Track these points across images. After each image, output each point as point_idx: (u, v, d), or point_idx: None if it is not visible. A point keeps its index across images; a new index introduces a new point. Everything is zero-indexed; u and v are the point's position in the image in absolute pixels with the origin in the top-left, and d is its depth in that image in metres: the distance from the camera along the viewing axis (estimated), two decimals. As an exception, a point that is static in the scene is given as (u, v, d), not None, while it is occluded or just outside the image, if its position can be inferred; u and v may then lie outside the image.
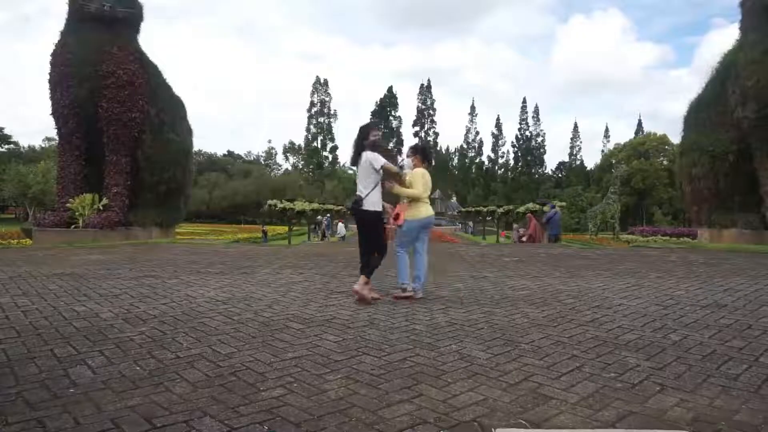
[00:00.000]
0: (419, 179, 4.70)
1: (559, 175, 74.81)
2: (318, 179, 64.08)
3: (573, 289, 5.21)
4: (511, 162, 74.79)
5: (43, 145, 62.29)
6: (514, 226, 25.31)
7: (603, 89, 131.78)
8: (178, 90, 14.66)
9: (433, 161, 71.48)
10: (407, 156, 5.07)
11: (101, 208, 12.40)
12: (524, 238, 16.16)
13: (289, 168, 77.33)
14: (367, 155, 4.49)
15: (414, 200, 4.73)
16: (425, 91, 72.49)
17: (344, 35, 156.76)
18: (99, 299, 4.45)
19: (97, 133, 12.54)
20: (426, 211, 4.77)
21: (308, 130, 69.02)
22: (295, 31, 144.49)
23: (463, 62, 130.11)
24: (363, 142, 4.58)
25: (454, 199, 57.91)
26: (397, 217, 4.70)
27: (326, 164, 67.88)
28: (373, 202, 4.48)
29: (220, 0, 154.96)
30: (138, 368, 2.62)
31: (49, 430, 1.91)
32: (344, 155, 66.43)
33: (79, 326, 3.48)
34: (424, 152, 5.02)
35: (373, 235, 4.58)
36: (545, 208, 18.46)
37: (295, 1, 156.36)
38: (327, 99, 70.44)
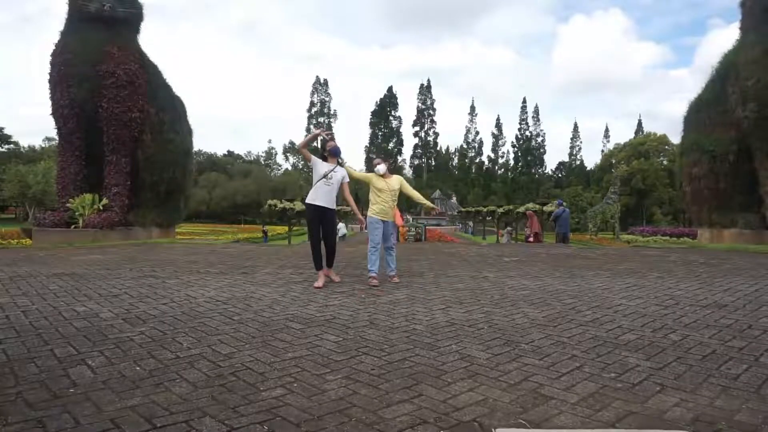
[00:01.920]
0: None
1: (559, 175, 74.88)
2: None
3: (573, 289, 5.20)
4: (511, 162, 74.93)
5: (43, 145, 62.41)
6: (508, 228, 25.35)
7: (603, 89, 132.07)
8: (178, 90, 14.69)
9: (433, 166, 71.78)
10: (378, 163, 5.80)
11: (101, 208, 12.41)
12: (531, 239, 15.97)
13: (289, 168, 77.45)
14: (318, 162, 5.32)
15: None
16: (425, 91, 72.63)
17: (344, 35, 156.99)
18: (99, 299, 4.45)
19: (97, 133, 12.54)
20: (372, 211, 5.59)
21: (308, 130, 69.17)
22: (295, 31, 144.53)
23: (463, 62, 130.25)
24: (323, 152, 5.39)
25: (454, 199, 57.91)
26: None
27: (326, 164, 67.98)
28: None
29: (220, 0, 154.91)
30: (138, 368, 2.62)
31: (49, 430, 1.91)
32: (344, 155, 66.51)
33: (79, 326, 3.48)
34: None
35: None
36: (546, 207, 18.43)
37: (295, 1, 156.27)
38: (327, 99, 70.72)
